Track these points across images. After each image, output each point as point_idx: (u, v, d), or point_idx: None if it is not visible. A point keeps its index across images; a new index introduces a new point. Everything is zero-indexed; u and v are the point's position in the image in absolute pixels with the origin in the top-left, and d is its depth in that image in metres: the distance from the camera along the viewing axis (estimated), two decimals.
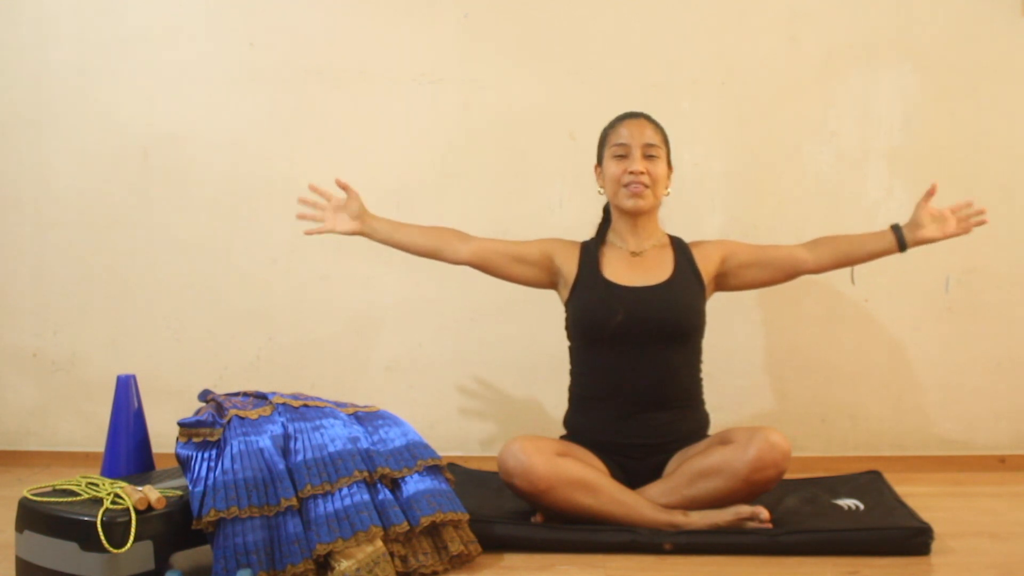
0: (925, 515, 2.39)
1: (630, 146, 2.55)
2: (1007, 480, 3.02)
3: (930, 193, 2.59)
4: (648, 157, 2.56)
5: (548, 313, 2.85)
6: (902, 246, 2.59)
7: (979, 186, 3.13)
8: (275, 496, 2.09)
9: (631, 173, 2.54)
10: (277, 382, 3.11)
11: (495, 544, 2.31)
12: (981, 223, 2.61)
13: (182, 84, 3.27)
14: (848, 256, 2.65)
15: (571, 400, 2.65)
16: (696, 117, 3.16)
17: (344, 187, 2.64)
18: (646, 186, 2.55)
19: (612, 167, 2.58)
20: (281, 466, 2.13)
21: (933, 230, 2.59)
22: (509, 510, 2.50)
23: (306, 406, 2.32)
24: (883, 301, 3.16)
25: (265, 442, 2.16)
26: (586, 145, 2.75)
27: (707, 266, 2.62)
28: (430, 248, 2.68)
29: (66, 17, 3.29)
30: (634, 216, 2.60)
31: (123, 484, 2.13)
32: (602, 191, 2.65)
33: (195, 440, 2.22)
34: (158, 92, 3.28)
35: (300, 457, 2.17)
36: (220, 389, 3.03)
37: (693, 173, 3.12)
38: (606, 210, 2.69)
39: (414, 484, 2.23)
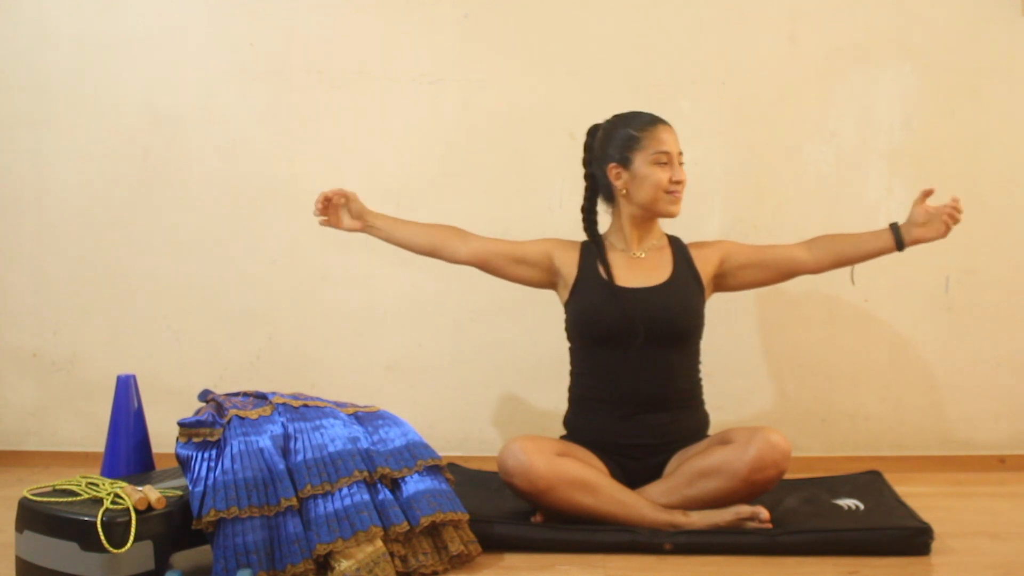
0: (925, 515, 2.39)
1: (672, 154, 2.56)
2: (1007, 480, 3.02)
3: (926, 194, 2.56)
4: (681, 164, 2.59)
5: (548, 313, 2.85)
6: (899, 244, 2.57)
7: (979, 186, 3.13)
8: (275, 496, 2.09)
9: (676, 183, 2.56)
10: (277, 382, 3.11)
11: (495, 544, 2.31)
12: (954, 218, 2.53)
13: (182, 84, 3.27)
14: (846, 255, 2.64)
15: (571, 400, 2.65)
16: (696, 117, 3.16)
17: (341, 194, 2.64)
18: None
19: (656, 173, 2.55)
20: (281, 466, 2.13)
21: (927, 230, 2.56)
22: (509, 510, 2.50)
23: (306, 406, 2.32)
24: (883, 301, 3.16)
25: (265, 442, 2.16)
26: None
27: (706, 267, 2.62)
28: (429, 247, 2.68)
29: (66, 17, 3.29)
30: (649, 219, 2.61)
31: (123, 484, 2.13)
32: (623, 191, 2.60)
33: (195, 440, 2.22)
34: (158, 92, 3.28)
35: (300, 457, 2.17)
36: (220, 389, 3.03)
37: (693, 173, 3.09)
38: (592, 208, 2.68)
39: (414, 484, 2.23)
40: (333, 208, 2.66)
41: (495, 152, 3.22)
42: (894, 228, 2.57)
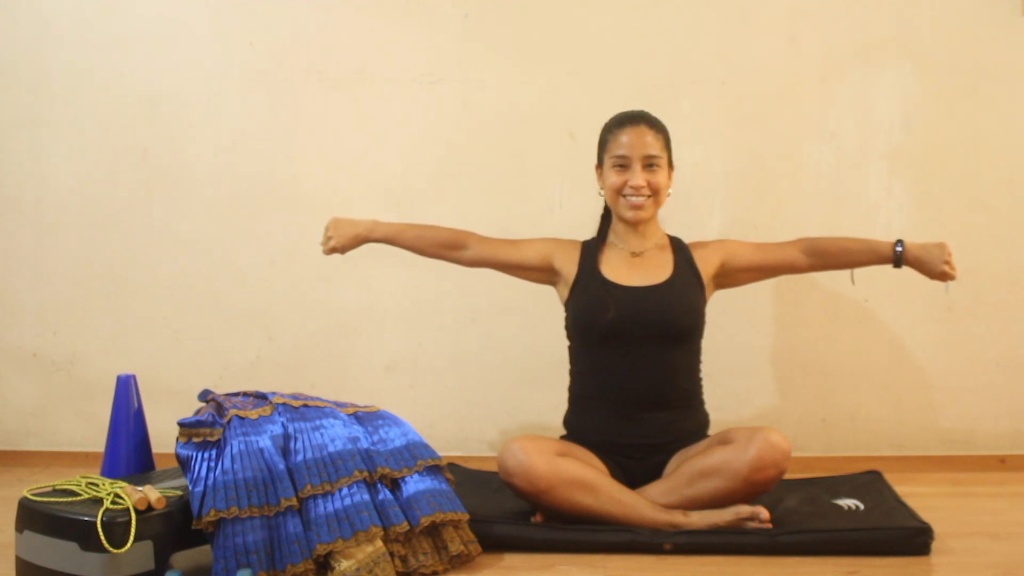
0: (925, 515, 2.39)
1: (630, 158, 2.54)
2: (1007, 480, 3.02)
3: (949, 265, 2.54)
4: (648, 167, 2.55)
5: (548, 313, 2.85)
6: (897, 263, 2.57)
7: (979, 186, 3.14)
8: (275, 496, 2.09)
9: (631, 187, 2.54)
10: (277, 382, 3.10)
11: (495, 544, 2.30)
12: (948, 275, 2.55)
13: (182, 84, 3.27)
14: (843, 264, 2.66)
15: (571, 400, 2.65)
16: (696, 117, 3.16)
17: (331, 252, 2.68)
18: (648, 196, 2.56)
19: (612, 177, 2.57)
20: (281, 466, 2.13)
21: (926, 266, 2.56)
22: (509, 510, 2.50)
23: (306, 406, 2.32)
24: (883, 301, 3.16)
25: (265, 442, 2.16)
26: (586, 145, 2.75)
27: (707, 267, 2.62)
28: (433, 256, 2.73)
29: (66, 17, 3.29)
30: (634, 223, 2.61)
31: (123, 484, 2.13)
32: (602, 192, 2.65)
33: (195, 440, 2.22)
34: (158, 92, 3.28)
35: (300, 457, 2.17)
36: (220, 389, 3.03)
37: (693, 173, 3.12)
38: (607, 208, 2.69)
39: (414, 484, 2.23)
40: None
41: (495, 152, 3.22)
42: (897, 248, 2.56)
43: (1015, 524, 2.53)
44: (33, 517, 2.07)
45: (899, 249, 2.56)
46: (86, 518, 2.00)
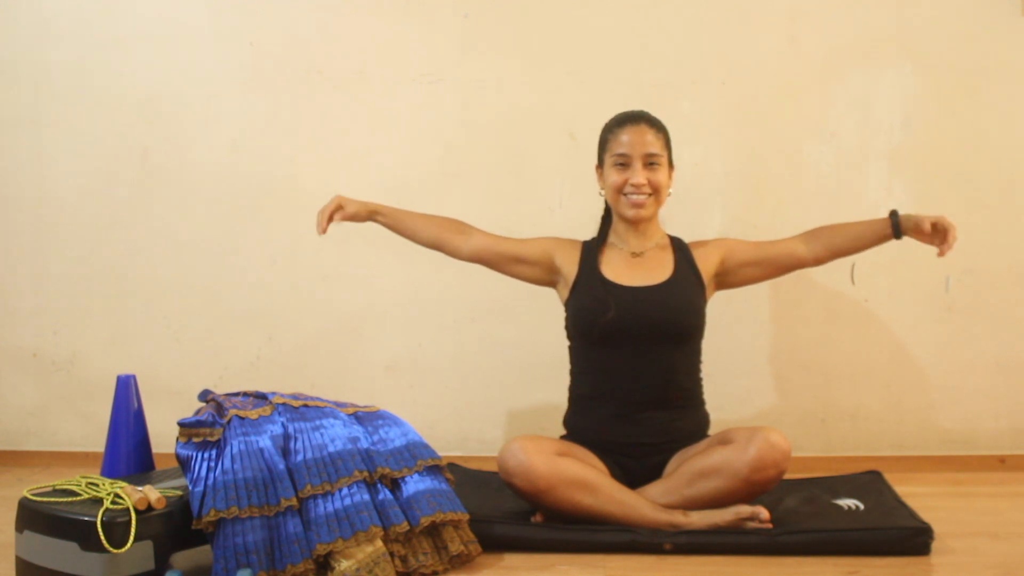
0: (925, 515, 2.39)
1: (631, 156, 2.55)
2: (1007, 480, 3.02)
3: (938, 229, 2.50)
4: (649, 166, 2.55)
5: (548, 313, 2.85)
6: (896, 232, 2.55)
7: (979, 186, 3.14)
8: (275, 496, 2.09)
9: (632, 185, 2.54)
10: (277, 382, 3.11)
11: (495, 544, 2.30)
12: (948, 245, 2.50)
13: (182, 84, 3.27)
14: (844, 248, 2.63)
15: (571, 400, 2.65)
16: (696, 117, 3.16)
17: (337, 208, 2.64)
18: (648, 194, 2.56)
19: (613, 175, 2.57)
20: (281, 466, 2.13)
21: (925, 236, 2.53)
22: (509, 510, 2.50)
23: (306, 406, 2.32)
24: (883, 301, 3.16)
25: (265, 442, 2.16)
26: (586, 145, 2.75)
27: (707, 266, 2.62)
28: (433, 241, 2.70)
29: (66, 17, 3.29)
30: (635, 222, 2.61)
31: (123, 484, 2.13)
32: (603, 192, 2.65)
33: (195, 440, 2.22)
34: (158, 92, 3.28)
35: (300, 457, 2.17)
36: (220, 389, 3.03)
37: (693, 173, 3.12)
38: (607, 208, 2.69)
39: (414, 484, 2.23)
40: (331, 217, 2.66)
41: (495, 152, 3.22)
42: (893, 215, 2.55)
43: (1015, 524, 2.53)
44: (33, 517, 2.07)
45: (894, 212, 2.53)
46: (86, 518, 2.00)
